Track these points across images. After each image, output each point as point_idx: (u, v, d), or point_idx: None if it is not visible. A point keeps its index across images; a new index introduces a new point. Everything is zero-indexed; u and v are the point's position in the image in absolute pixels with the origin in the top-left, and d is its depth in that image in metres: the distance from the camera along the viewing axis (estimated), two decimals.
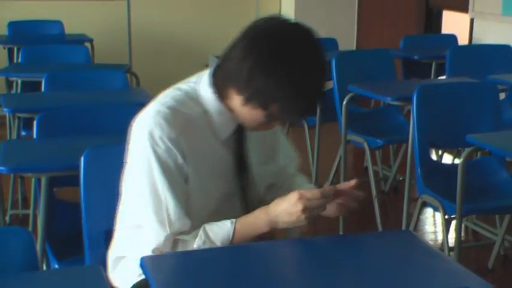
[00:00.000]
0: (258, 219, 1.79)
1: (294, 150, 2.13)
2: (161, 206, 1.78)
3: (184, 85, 1.87)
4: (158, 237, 1.78)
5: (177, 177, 1.79)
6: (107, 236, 2.05)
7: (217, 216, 1.84)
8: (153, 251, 1.78)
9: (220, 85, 1.81)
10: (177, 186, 1.79)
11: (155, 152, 1.77)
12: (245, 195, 1.93)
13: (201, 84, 1.85)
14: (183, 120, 1.80)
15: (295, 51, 1.69)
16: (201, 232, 1.78)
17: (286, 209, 1.74)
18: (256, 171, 1.95)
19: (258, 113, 1.76)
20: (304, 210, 1.72)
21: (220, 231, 1.78)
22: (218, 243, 1.77)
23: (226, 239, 1.77)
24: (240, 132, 1.89)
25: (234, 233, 1.77)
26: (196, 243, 1.78)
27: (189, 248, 1.78)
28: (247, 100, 1.74)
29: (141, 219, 1.83)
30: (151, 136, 1.77)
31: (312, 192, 1.74)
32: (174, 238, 1.79)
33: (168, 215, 1.78)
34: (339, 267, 1.59)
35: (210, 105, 1.83)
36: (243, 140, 1.90)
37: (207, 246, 1.77)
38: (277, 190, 2.02)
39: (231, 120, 1.84)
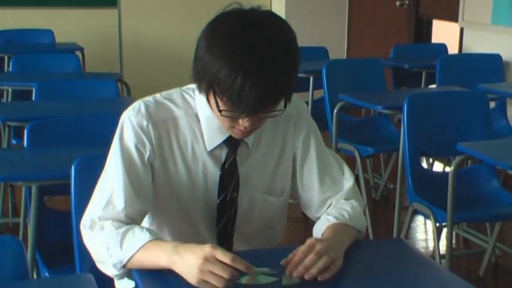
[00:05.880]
0: (166, 251, 1.61)
1: (337, 182, 1.90)
2: (108, 188, 1.74)
3: (189, 86, 1.83)
4: (89, 215, 1.75)
5: (136, 166, 1.74)
6: None
7: (192, 233, 1.82)
8: (81, 225, 1.75)
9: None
10: (132, 175, 1.73)
11: (122, 135, 1.76)
12: (220, 219, 1.82)
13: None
14: (163, 114, 1.77)
15: (229, 31, 1.59)
16: (118, 236, 1.67)
17: (188, 258, 1.56)
18: (255, 197, 1.85)
19: (214, 103, 1.65)
20: (201, 270, 1.52)
21: (132, 241, 1.66)
22: (121, 252, 1.66)
23: (128, 254, 1.65)
24: (233, 147, 1.80)
25: (138, 251, 1.64)
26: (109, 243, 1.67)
27: (101, 237, 1.69)
28: (205, 90, 1.65)
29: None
30: (126, 121, 1.77)
31: (224, 256, 1.52)
32: (103, 222, 1.71)
33: (109, 201, 1.72)
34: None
35: (200, 109, 1.78)
36: (235, 154, 1.79)
37: (114, 250, 1.66)
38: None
39: (218, 128, 1.76)
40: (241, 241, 1.88)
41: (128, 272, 1.68)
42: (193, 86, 1.77)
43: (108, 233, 1.68)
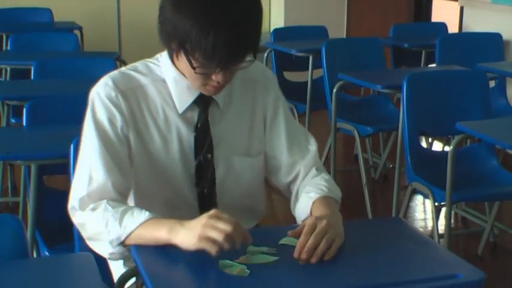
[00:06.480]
0: (168, 224, 1.61)
1: (303, 147, 1.94)
2: (86, 165, 1.74)
3: (154, 57, 1.88)
4: (74, 197, 1.73)
5: (110, 138, 1.75)
6: None
7: (176, 197, 1.82)
8: (70, 209, 1.75)
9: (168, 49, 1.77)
10: (108, 147, 1.74)
11: (93, 110, 1.78)
12: (199, 180, 1.83)
13: (163, 54, 1.86)
14: (130, 84, 1.79)
15: None
16: (117, 214, 1.66)
17: (192, 224, 1.57)
18: (232, 160, 1.85)
19: (186, 61, 1.68)
20: (203, 225, 1.54)
21: (131, 220, 1.65)
22: (121, 229, 1.64)
23: (128, 230, 1.64)
24: (204, 106, 1.81)
25: (138, 226, 1.63)
26: (109, 221, 1.66)
27: (99, 217, 1.68)
28: (176, 50, 1.70)
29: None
30: (95, 96, 1.79)
31: (230, 218, 1.55)
32: (96, 203, 1.70)
33: (90, 176, 1.72)
34: None
35: (167, 73, 1.81)
36: (206, 114, 1.81)
37: (113, 227, 1.65)
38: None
39: (187, 89, 1.78)
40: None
41: (122, 252, 1.68)
42: (157, 55, 1.86)
43: (103, 211, 1.67)
